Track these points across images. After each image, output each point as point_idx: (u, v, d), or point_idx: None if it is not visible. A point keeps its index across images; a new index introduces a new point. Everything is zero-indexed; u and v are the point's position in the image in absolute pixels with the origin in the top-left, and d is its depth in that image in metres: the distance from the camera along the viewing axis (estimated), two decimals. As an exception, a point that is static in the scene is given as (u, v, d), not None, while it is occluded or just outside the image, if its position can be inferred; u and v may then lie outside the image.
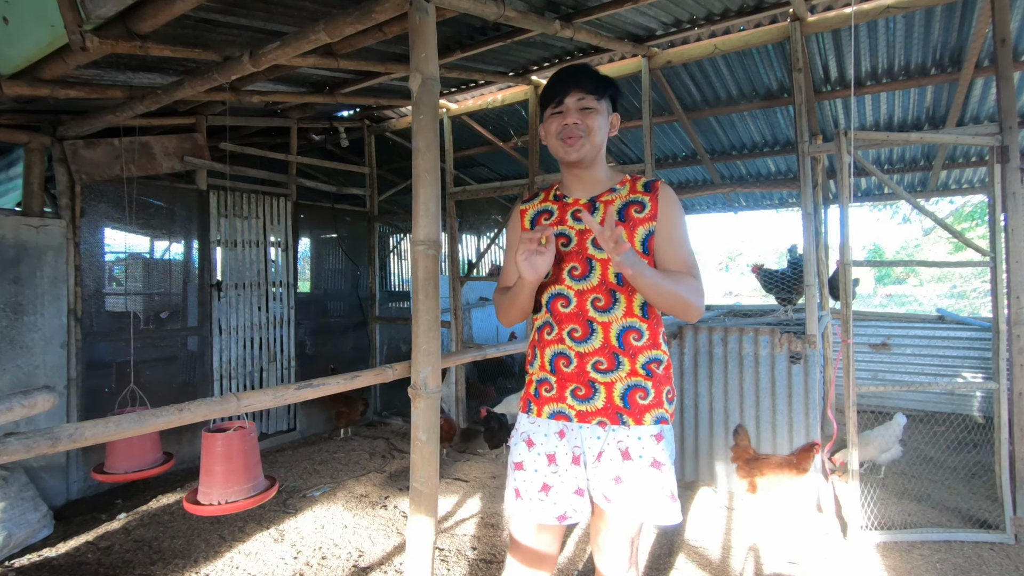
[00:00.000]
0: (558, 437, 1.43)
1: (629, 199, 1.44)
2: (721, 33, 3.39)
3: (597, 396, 1.38)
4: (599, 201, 1.45)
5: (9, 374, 3.13)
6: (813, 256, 3.27)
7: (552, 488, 1.41)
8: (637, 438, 1.37)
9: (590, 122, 1.41)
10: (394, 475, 3.76)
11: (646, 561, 2.61)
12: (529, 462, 1.44)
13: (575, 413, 1.40)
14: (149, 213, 3.96)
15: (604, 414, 1.38)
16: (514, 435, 1.52)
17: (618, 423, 1.37)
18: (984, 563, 2.52)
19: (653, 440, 1.37)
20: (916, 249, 15.99)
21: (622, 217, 1.42)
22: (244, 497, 2.11)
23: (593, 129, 1.41)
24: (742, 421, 3.39)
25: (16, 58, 2.33)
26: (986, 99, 3.95)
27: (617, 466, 1.36)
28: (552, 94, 1.45)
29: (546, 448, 1.43)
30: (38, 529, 2.88)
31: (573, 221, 1.46)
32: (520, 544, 1.46)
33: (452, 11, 2.37)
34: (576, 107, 1.41)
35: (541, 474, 1.42)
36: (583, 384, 1.40)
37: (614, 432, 1.38)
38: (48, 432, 1.05)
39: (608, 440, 1.38)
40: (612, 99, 1.48)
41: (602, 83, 1.45)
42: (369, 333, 5.40)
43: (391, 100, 4.27)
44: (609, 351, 1.38)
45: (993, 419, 2.80)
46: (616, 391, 1.38)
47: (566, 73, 1.46)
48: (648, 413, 1.38)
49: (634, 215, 1.41)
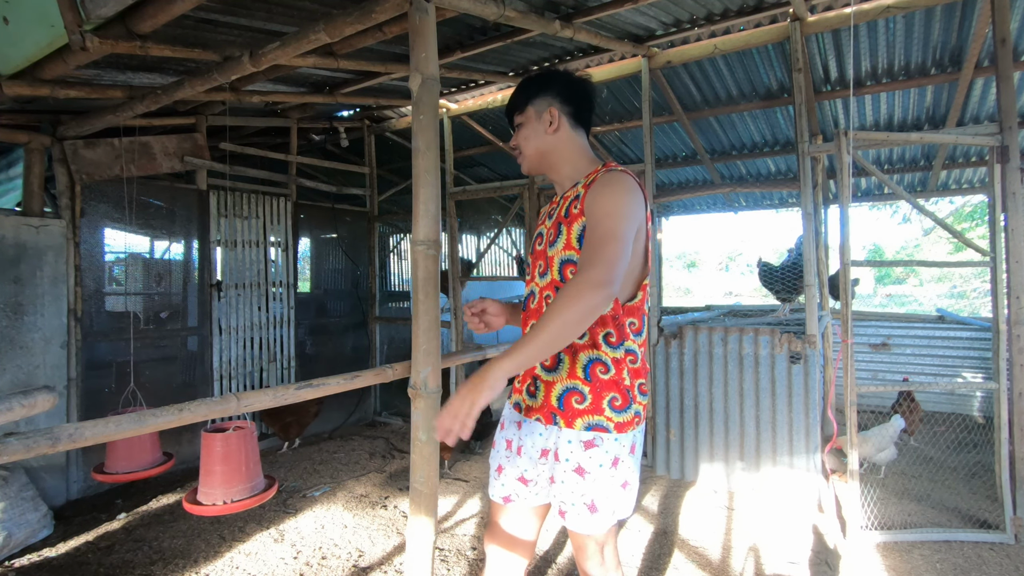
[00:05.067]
0: (516, 427, 1.48)
1: (576, 194, 1.40)
2: (721, 33, 3.39)
3: (539, 393, 1.41)
4: (563, 198, 1.48)
5: (9, 374, 3.13)
6: (813, 256, 3.27)
7: (504, 471, 1.48)
8: (567, 441, 1.34)
9: (519, 139, 1.52)
10: (394, 475, 3.76)
11: (644, 559, 2.61)
12: (500, 442, 1.53)
13: (525, 407, 1.45)
14: (149, 213, 3.96)
15: (541, 412, 1.39)
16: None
17: (551, 423, 1.37)
18: (984, 563, 2.52)
19: (581, 446, 1.32)
20: (916, 249, 15.99)
21: (566, 214, 1.40)
22: (244, 497, 2.11)
23: (521, 143, 1.51)
24: (742, 421, 3.39)
25: (16, 58, 2.33)
26: (986, 99, 3.95)
27: (551, 466, 1.40)
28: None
29: (507, 433, 1.51)
30: (38, 529, 2.88)
31: (547, 219, 1.51)
32: (498, 528, 1.53)
33: (452, 11, 2.37)
34: (516, 127, 1.53)
35: (500, 455, 1.51)
36: (531, 379, 1.44)
37: (553, 432, 1.38)
38: (48, 432, 1.04)
39: (549, 439, 1.40)
40: (539, 93, 1.47)
41: (518, 95, 1.51)
42: (369, 333, 5.40)
43: (391, 100, 4.27)
44: None
45: (993, 419, 2.80)
46: (554, 391, 1.37)
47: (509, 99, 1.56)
48: (580, 418, 1.32)
49: (572, 211, 1.38)
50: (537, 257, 1.49)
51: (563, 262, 1.39)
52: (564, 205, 1.44)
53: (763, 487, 3.32)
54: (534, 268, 1.50)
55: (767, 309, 5.26)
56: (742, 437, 3.40)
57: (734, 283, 22.31)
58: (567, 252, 1.38)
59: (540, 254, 1.47)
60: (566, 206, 1.42)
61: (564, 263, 1.39)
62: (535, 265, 1.49)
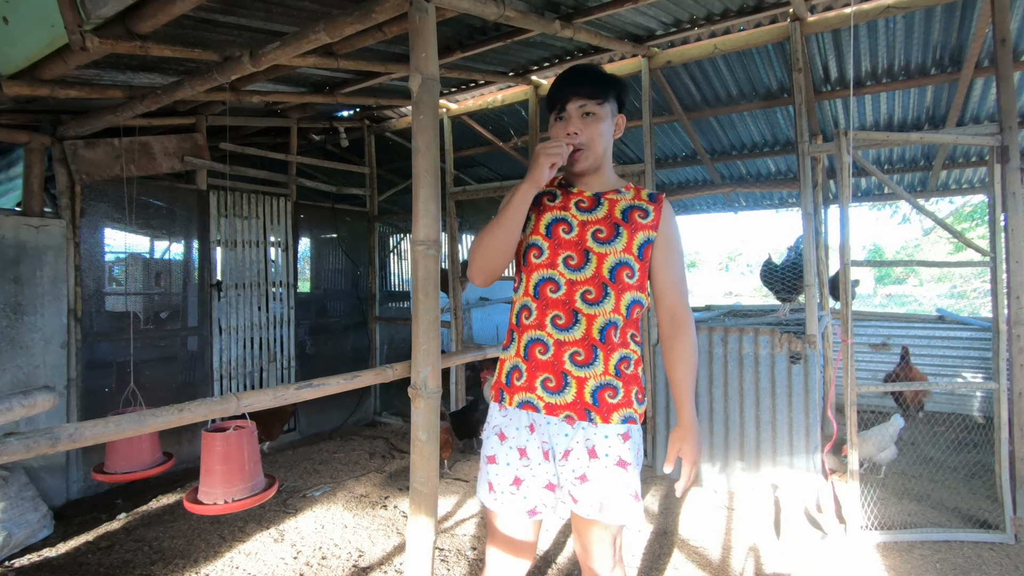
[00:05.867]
0: (528, 431, 1.40)
1: (634, 203, 1.43)
2: (721, 33, 3.39)
3: (568, 390, 1.36)
4: (604, 197, 1.43)
5: (9, 374, 3.13)
6: (813, 256, 3.27)
7: (524, 482, 1.39)
8: (604, 436, 1.35)
9: (591, 131, 1.37)
10: (394, 475, 3.76)
11: (643, 559, 2.61)
12: (502, 456, 1.42)
13: (543, 405, 1.38)
14: (149, 213, 3.96)
15: (572, 408, 1.36)
16: (486, 428, 1.50)
17: (585, 419, 1.35)
18: (984, 563, 2.52)
19: (620, 439, 1.35)
20: (916, 249, 15.99)
21: (625, 218, 1.40)
22: (245, 496, 2.11)
23: (595, 138, 1.38)
24: (742, 421, 3.39)
25: (16, 58, 2.33)
26: (986, 99, 3.95)
27: (583, 464, 1.35)
28: (554, 99, 1.40)
29: (517, 442, 1.40)
30: (38, 529, 2.88)
31: (576, 210, 1.42)
32: (498, 533, 1.46)
33: (452, 11, 2.37)
34: (578, 114, 1.37)
35: (513, 468, 1.40)
36: (555, 375, 1.37)
37: (582, 430, 1.36)
38: (48, 432, 1.04)
39: (576, 438, 1.36)
40: (618, 99, 1.44)
41: (604, 84, 1.39)
42: (369, 333, 5.40)
43: (391, 100, 4.27)
44: (589, 343, 1.36)
45: (993, 419, 2.80)
46: (588, 387, 1.35)
47: (567, 76, 1.40)
48: (616, 412, 1.35)
49: (637, 219, 1.40)
50: (565, 246, 1.39)
51: (619, 264, 1.37)
52: (615, 207, 1.41)
53: (763, 487, 3.32)
54: (554, 255, 1.39)
55: (767, 309, 5.26)
56: (742, 437, 3.40)
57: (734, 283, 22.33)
58: (625, 255, 1.37)
59: (570, 244, 1.39)
60: (620, 209, 1.41)
61: (620, 265, 1.37)
62: (557, 252, 1.39)
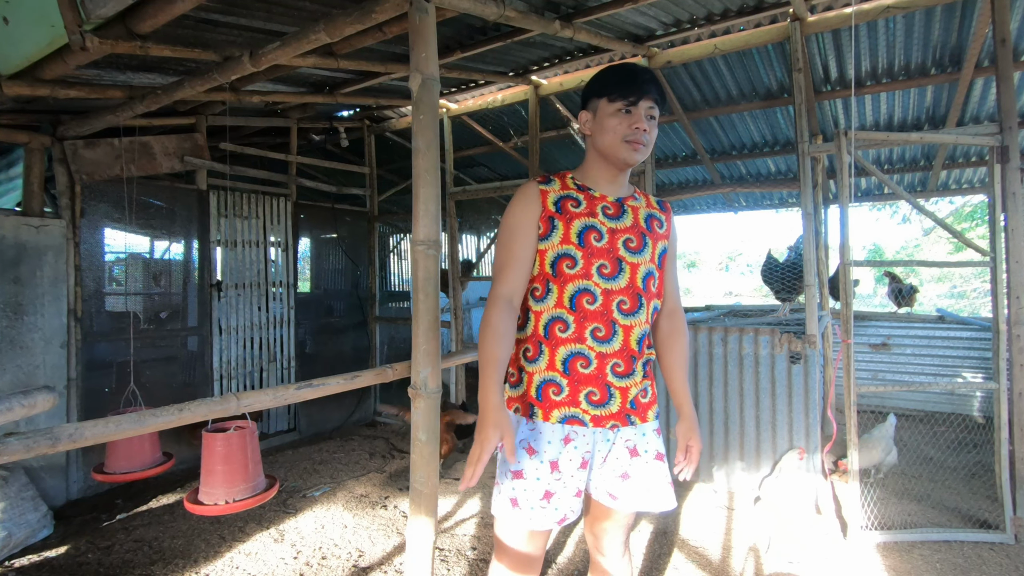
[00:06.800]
0: (563, 443, 1.36)
1: (649, 211, 1.48)
2: (721, 33, 3.38)
3: (612, 401, 1.38)
4: (627, 204, 1.45)
5: (9, 374, 3.13)
6: (813, 256, 3.27)
7: (555, 495, 1.36)
8: (642, 435, 1.43)
9: (653, 132, 1.41)
10: (394, 475, 3.76)
11: (644, 559, 2.61)
12: (530, 471, 1.36)
13: (590, 418, 1.37)
14: (149, 213, 3.96)
15: (617, 418, 1.40)
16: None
17: (627, 424, 1.41)
18: (984, 563, 2.52)
19: (655, 434, 1.46)
20: (916, 249, 15.98)
21: (648, 227, 1.45)
22: (245, 497, 2.11)
23: (653, 139, 1.42)
24: (742, 421, 3.39)
25: (16, 58, 2.33)
26: (986, 99, 3.95)
27: (624, 463, 1.41)
28: (624, 91, 1.36)
29: (549, 455, 1.36)
30: (38, 529, 2.88)
31: (604, 217, 1.40)
32: (510, 549, 1.42)
33: (452, 11, 2.37)
34: (646, 113, 1.38)
35: (544, 482, 1.36)
36: (599, 388, 1.36)
37: (621, 432, 1.41)
38: (48, 432, 1.05)
39: (615, 440, 1.41)
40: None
41: (664, 95, 1.48)
42: (369, 333, 5.40)
43: (391, 100, 4.27)
44: (628, 354, 1.39)
45: (993, 419, 2.80)
46: (630, 395, 1.41)
47: (642, 74, 1.38)
48: (650, 410, 1.45)
49: (656, 229, 1.47)
50: (598, 255, 1.37)
51: (649, 273, 1.42)
52: (638, 215, 1.45)
53: (763, 487, 3.32)
54: (588, 264, 1.36)
55: (767, 309, 5.26)
56: (742, 437, 3.40)
57: (734, 283, 22.32)
58: (651, 265, 1.43)
59: (603, 252, 1.37)
60: (642, 217, 1.45)
61: (649, 275, 1.42)
62: (591, 262, 1.36)
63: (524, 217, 1.39)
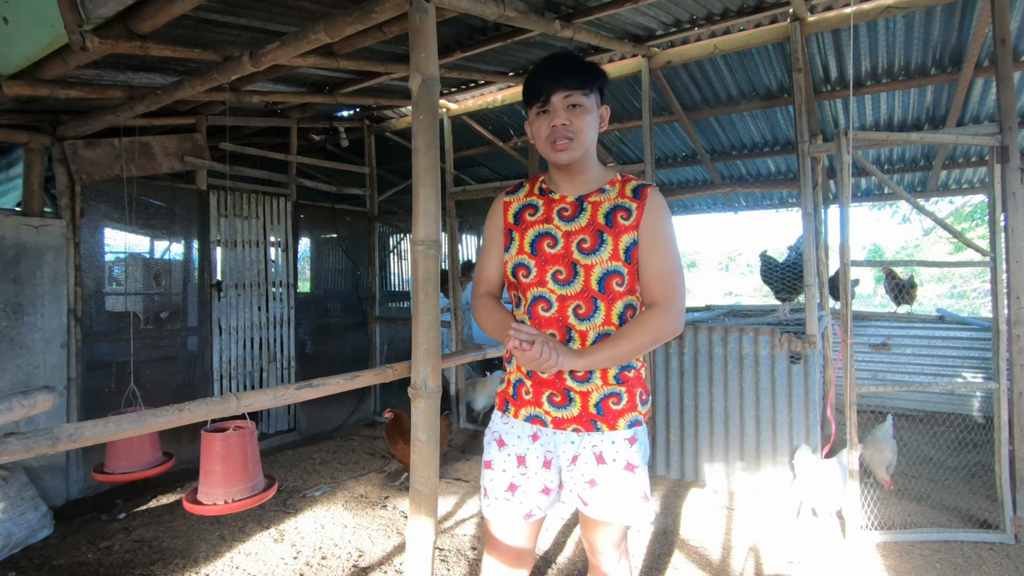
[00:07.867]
0: (531, 440, 1.42)
1: (617, 203, 1.37)
2: (721, 33, 3.38)
3: (572, 404, 1.37)
4: (587, 201, 1.39)
5: (9, 374, 3.13)
6: (813, 256, 3.27)
7: (519, 488, 1.41)
8: (611, 442, 1.36)
9: (579, 122, 1.31)
10: (394, 475, 3.76)
11: (644, 559, 2.61)
12: (498, 462, 1.44)
13: (551, 419, 1.39)
14: (149, 213, 3.96)
15: (579, 422, 1.37)
16: (487, 433, 1.51)
17: (592, 430, 1.37)
18: (984, 563, 2.52)
19: (626, 443, 1.37)
20: (916, 249, 15.98)
21: (608, 222, 1.35)
22: (244, 497, 2.10)
23: (582, 130, 1.32)
24: (742, 421, 3.39)
25: (16, 58, 2.33)
26: (986, 99, 3.95)
27: (592, 469, 1.36)
28: (536, 92, 1.33)
29: (517, 450, 1.42)
30: (38, 529, 2.88)
31: (559, 220, 1.38)
32: (495, 540, 1.48)
33: (452, 11, 2.37)
34: (563, 106, 1.31)
35: (509, 474, 1.42)
36: (559, 391, 1.38)
37: (588, 437, 1.37)
38: (48, 432, 1.05)
39: (583, 444, 1.38)
40: (600, 90, 1.38)
41: (589, 75, 1.33)
42: (369, 333, 5.40)
43: (391, 100, 4.27)
44: None
45: (993, 419, 2.80)
46: (591, 400, 1.37)
47: (550, 67, 1.32)
48: (622, 418, 1.37)
49: (620, 221, 1.35)
50: (552, 261, 1.36)
51: (608, 273, 1.33)
52: (598, 211, 1.36)
53: (763, 487, 3.32)
54: (542, 272, 1.36)
55: (767, 309, 5.26)
56: (742, 437, 3.40)
57: (734, 283, 22.31)
58: (613, 263, 1.33)
59: (557, 258, 1.36)
60: (603, 212, 1.36)
61: (609, 274, 1.33)
62: (545, 269, 1.36)
63: (491, 229, 1.51)
